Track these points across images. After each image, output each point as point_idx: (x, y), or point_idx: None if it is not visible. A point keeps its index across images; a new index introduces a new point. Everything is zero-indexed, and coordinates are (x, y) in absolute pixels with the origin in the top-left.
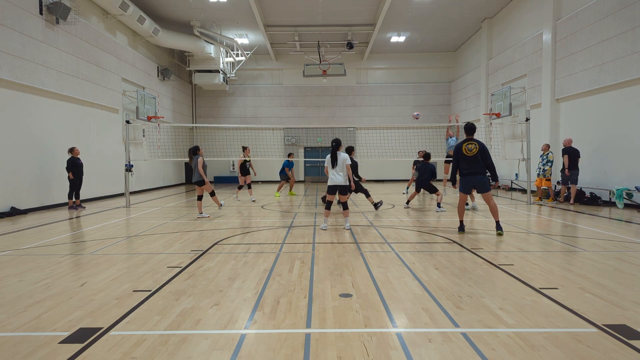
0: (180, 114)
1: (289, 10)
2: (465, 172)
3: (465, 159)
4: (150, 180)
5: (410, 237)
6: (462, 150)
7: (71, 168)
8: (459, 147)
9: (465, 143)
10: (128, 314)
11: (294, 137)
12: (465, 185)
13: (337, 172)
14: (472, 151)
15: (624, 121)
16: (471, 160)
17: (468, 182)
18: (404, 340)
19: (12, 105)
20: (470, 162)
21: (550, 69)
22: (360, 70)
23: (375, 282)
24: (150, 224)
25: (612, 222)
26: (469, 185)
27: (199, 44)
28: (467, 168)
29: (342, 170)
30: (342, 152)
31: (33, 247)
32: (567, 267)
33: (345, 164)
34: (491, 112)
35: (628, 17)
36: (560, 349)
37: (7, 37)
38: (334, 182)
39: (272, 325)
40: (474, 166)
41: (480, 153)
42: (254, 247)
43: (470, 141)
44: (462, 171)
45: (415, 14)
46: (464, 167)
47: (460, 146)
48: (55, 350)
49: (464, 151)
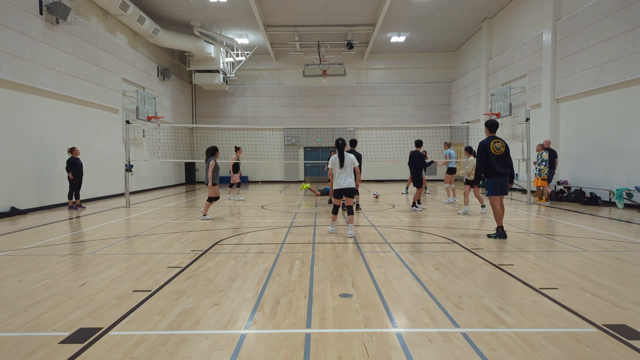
0: (180, 114)
1: (289, 10)
2: (497, 172)
3: (495, 158)
4: (150, 180)
5: (410, 237)
6: (491, 148)
7: (71, 168)
8: (487, 145)
9: (492, 141)
10: (128, 314)
11: (294, 138)
12: (496, 186)
13: (344, 174)
14: (500, 150)
15: (624, 121)
16: (500, 160)
17: (498, 182)
18: (404, 340)
19: (12, 105)
20: (500, 162)
21: (550, 69)
22: (360, 70)
23: (375, 282)
24: (150, 224)
25: (612, 222)
26: (499, 185)
27: (199, 44)
28: (499, 168)
29: (350, 172)
30: (349, 153)
31: (33, 247)
32: (567, 267)
33: (353, 166)
34: (491, 112)
35: (628, 17)
36: (560, 349)
37: (7, 37)
38: (341, 186)
39: (272, 325)
40: (504, 165)
41: (507, 152)
42: (254, 247)
43: (497, 139)
44: (493, 171)
45: (415, 14)
46: (495, 166)
47: (488, 144)
48: (55, 350)
49: (493, 150)
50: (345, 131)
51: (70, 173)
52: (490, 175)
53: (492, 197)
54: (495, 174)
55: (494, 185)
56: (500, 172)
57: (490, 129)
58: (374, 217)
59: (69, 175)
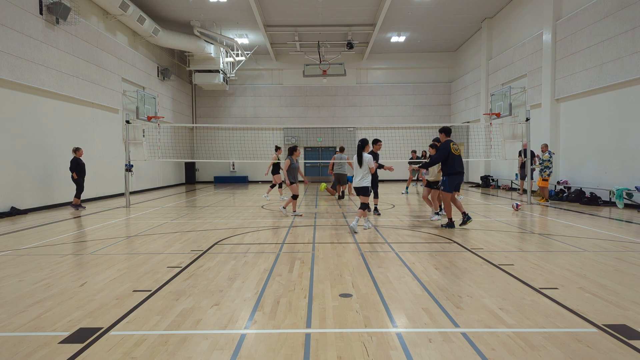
0: (180, 114)
1: (289, 10)
2: (456, 171)
3: (455, 158)
4: (150, 180)
5: (410, 237)
6: (451, 149)
7: (75, 168)
8: (448, 146)
9: (451, 143)
10: (128, 314)
11: (294, 137)
12: (453, 184)
13: (361, 173)
14: (458, 151)
15: (624, 121)
16: (459, 160)
17: (455, 181)
18: (404, 340)
19: (12, 105)
20: (458, 162)
21: (550, 69)
22: (360, 70)
23: (375, 282)
24: (150, 224)
25: (612, 222)
26: (455, 183)
27: (199, 44)
28: (458, 167)
29: (366, 171)
30: (366, 154)
31: (33, 247)
32: (567, 267)
33: (369, 166)
34: (491, 112)
35: (628, 17)
36: (560, 349)
37: (7, 37)
38: (360, 185)
39: (272, 325)
40: (461, 166)
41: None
42: (254, 247)
43: (454, 142)
44: (453, 170)
45: (415, 14)
46: (455, 166)
47: (449, 145)
48: (55, 350)
49: (453, 150)
50: (345, 131)
51: (74, 173)
52: (449, 173)
53: (446, 194)
54: (454, 173)
55: (451, 183)
56: (458, 171)
57: (446, 134)
58: (374, 217)
59: (73, 175)
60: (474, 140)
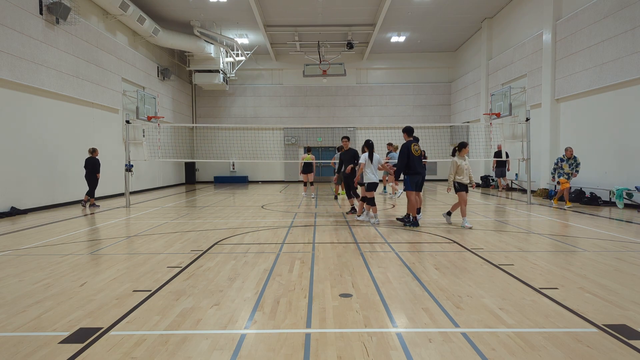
0: (180, 114)
1: (289, 10)
2: (417, 171)
3: (415, 158)
4: (150, 180)
5: (410, 237)
6: (412, 150)
7: (95, 168)
8: (408, 147)
9: (412, 144)
10: (128, 314)
11: (294, 137)
12: (413, 183)
13: (374, 170)
14: (418, 152)
15: (624, 121)
16: (418, 161)
17: (415, 180)
18: (404, 340)
19: (12, 105)
20: (418, 162)
21: (550, 69)
22: (360, 70)
23: (375, 282)
24: (150, 223)
25: (612, 222)
26: (415, 182)
27: (199, 44)
28: (415, 167)
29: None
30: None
31: (33, 247)
32: (567, 267)
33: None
34: (491, 112)
35: (628, 17)
36: (560, 349)
37: (7, 37)
38: (373, 180)
39: (272, 325)
40: (421, 166)
41: (421, 155)
42: (254, 247)
43: (415, 143)
44: (413, 170)
45: (415, 14)
46: (413, 166)
47: (410, 146)
48: (55, 350)
49: (413, 151)
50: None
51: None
52: (410, 173)
53: (409, 192)
54: (414, 173)
55: (412, 182)
56: (419, 171)
57: (407, 133)
58: None
59: (97, 175)
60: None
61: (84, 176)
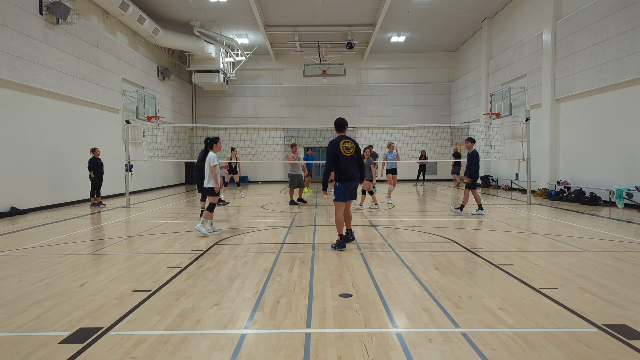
0: (180, 114)
1: (289, 10)
2: (348, 176)
3: (346, 159)
4: (150, 180)
5: (410, 237)
6: (341, 149)
7: (92, 167)
8: (336, 145)
9: (342, 141)
10: (128, 314)
11: (294, 137)
12: (347, 191)
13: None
14: (350, 150)
15: (624, 121)
16: (351, 162)
17: (349, 187)
18: (404, 340)
19: (12, 105)
20: (351, 164)
21: (550, 69)
22: (360, 70)
23: (375, 282)
24: (150, 224)
25: (612, 222)
26: (349, 190)
27: (199, 44)
28: (351, 172)
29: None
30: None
31: (33, 247)
32: (567, 267)
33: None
34: (491, 112)
35: (628, 17)
36: (560, 349)
37: (7, 37)
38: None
39: (272, 325)
40: (355, 168)
41: (357, 153)
42: (254, 247)
43: (347, 139)
44: (344, 175)
45: (415, 14)
46: (344, 169)
47: (338, 144)
48: (55, 350)
49: (343, 150)
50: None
51: (91, 172)
52: (341, 179)
53: (338, 203)
54: (346, 179)
55: (345, 191)
56: (351, 176)
57: (336, 128)
58: (374, 217)
59: (90, 174)
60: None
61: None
